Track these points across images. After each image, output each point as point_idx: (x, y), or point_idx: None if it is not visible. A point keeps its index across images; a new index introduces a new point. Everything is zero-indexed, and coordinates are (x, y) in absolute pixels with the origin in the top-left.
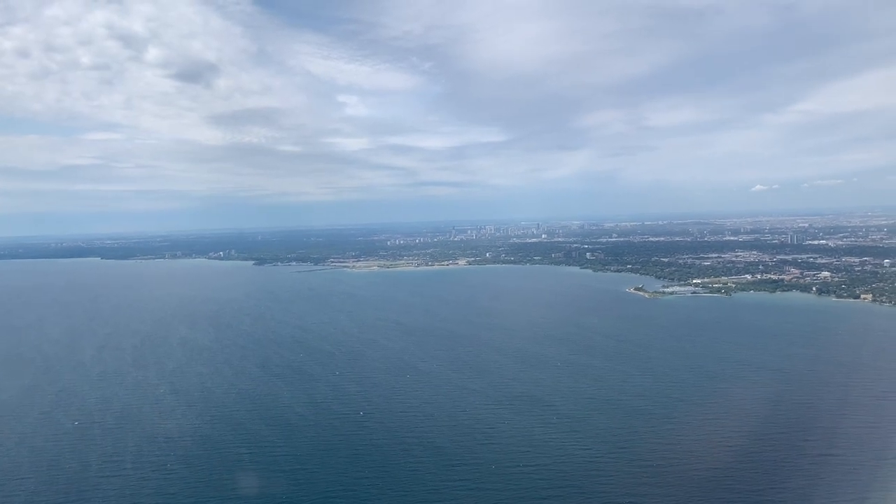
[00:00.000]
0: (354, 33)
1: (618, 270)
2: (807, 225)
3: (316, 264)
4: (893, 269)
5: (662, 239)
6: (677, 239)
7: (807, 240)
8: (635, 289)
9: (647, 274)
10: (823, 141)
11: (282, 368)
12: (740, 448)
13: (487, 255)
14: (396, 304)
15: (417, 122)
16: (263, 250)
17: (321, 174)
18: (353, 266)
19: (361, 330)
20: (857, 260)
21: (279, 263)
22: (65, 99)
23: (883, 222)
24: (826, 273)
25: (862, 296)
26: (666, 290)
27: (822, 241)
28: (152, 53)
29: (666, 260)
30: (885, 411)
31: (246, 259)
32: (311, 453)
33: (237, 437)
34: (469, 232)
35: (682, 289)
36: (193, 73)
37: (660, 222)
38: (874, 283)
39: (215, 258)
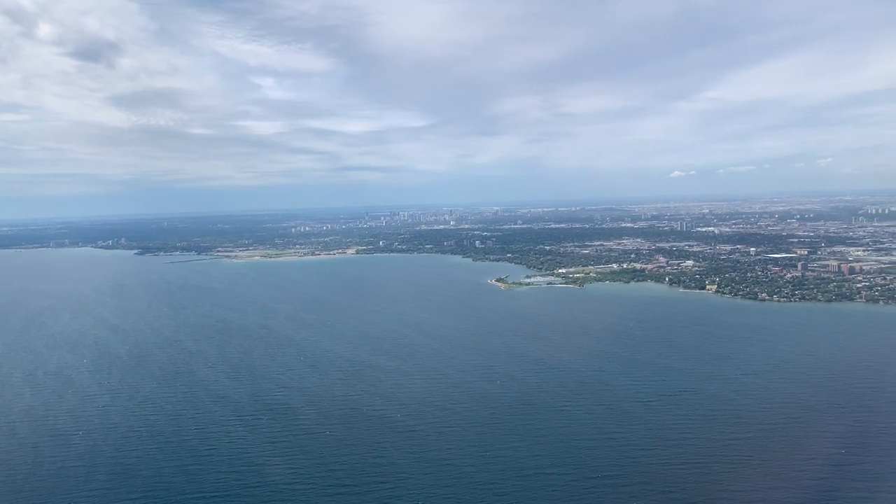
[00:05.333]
0: (249, 12)
1: (497, 259)
2: (707, 211)
3: (199, 254)
4: (758, 258)
5: (563, 226)
6: (577, 226)
7: (697, 227)
8: (496, 280)
9: (522, 263)
10: (735, 128)
11: (48, 376)
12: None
13: (381, 243)
14: (240, 299)
15: (334, 105)
16: (155, 239)
17: (239, 158)
18: (236, 256)
19: (175, 330)
20: (729, 248)
21: (162, 253)
22: None
23: (780, 208)
24: (690, 262)
25: (708, 286)
26: (524, 281)
27: (709, 229)
28: (44, 30)
29: (549, 248)
30: (610, 420)
31: (132, 248)
32: None
33: None
34: (381, 219)
35: (542, 279)
36: (93, 52)
37: (574, 208)
38: (729, 272)
39: (102, 247)
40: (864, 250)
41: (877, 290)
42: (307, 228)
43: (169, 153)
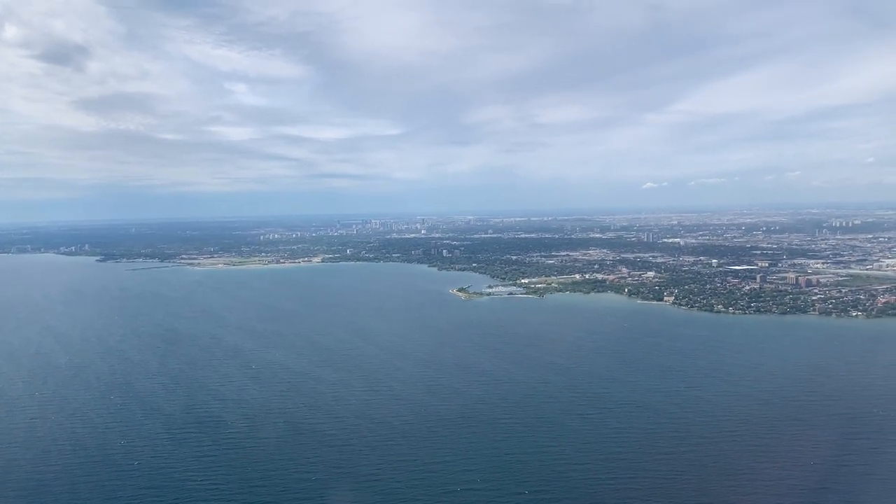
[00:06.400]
0: (217, 17)
1: (462, 269)
2: (676, 222)
3: (162, 261)
4: (719, 269)
5: (533, 235)
6: (546, 236)
7: (663, 238)
8: (458, 290)
9: (487, 273)
10: (706, 140)
11: None
12: None
13: (348, 251)
14: (194, 307)
15: (307, 112)
16: (121, 245)
17: (212, 164)
18: (199, 263)
19: (122, 339)
20: (692, 259)
21: (125, 260)
22: None
23: (748, 220)
24: (651, 273)
25: (665, 298)
26: (486, 291)
27: (675, 240)
28: (10, 31)
29: (515, 258)
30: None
31: (95, 255)
32: None
33: None
34: (353, 227)
35: (504, 289)
36: (60, 55)
37: (546, 218)
38: (689, 284)
39: (65, 253)
40: (823, 263)
41: (830, 303)
42: (276, 236)
43: (140, 158)
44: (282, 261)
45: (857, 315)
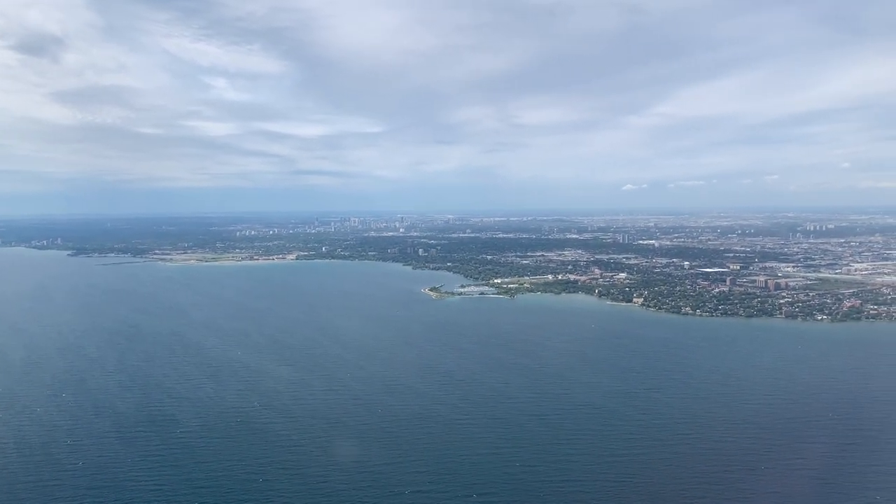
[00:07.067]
0: (196, 10)
1: (437, 268)
2: (652, 224)
3: (134, 256)
4: (690, 271)
5: (510, 236)
6: (523, 236)
7: (639, 239)
8: (430, 289)
9: (461, 272)
10: (685, 143)
11: None
12: None
13: (323, 249)
14: (160, 304)
15: (287, 108)
16: (93, 240)
17: (191, 159)
18: (172, 259)
19: (82, 335)
20: (664, 261)
21: (97, 254)
22: None
23: (724, 223)
24: (623, 275)
25: (635, 299)
26: (457, 290)
27: (650, 242)
28: None
29: (490, 258)
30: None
31: (67, 249)
32: None
33: None
34: (331, 224)
35: (475, 289)
36: (36, 46)
37: (525, 218)
38: (659, 286)
39: (36, 247)
40: (794, 266)
41: (797, 307)
42: (253, 232)
43: (117, 152)
44: (256, 257)
45: (822, 319)
